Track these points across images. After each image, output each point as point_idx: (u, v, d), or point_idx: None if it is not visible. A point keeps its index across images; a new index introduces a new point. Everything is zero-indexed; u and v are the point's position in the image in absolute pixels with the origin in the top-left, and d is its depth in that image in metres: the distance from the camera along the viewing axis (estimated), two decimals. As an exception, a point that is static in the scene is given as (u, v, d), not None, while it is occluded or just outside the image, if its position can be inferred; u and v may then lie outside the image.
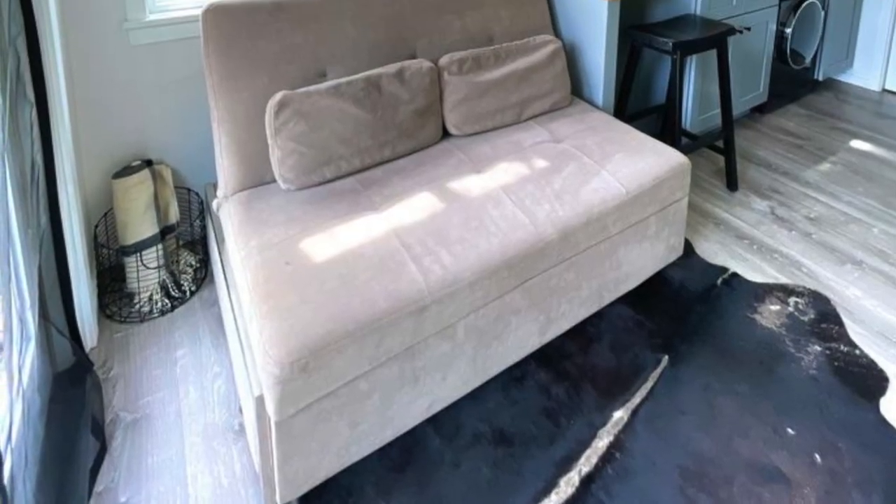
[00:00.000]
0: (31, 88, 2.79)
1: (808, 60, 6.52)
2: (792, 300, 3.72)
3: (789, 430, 2.92)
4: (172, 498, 2.68)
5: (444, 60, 3.96)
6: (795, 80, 6.62)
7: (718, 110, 5.42)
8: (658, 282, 3.87)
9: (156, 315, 3.61)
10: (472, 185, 3.35)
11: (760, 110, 6.36)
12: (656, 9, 5.39)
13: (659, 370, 3.27)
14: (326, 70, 3.74)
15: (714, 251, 4.15)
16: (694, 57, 5.18)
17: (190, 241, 4.04)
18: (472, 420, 3.01)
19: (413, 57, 4.05)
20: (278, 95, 3.31)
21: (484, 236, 2.96)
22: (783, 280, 3.89)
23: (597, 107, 4.52)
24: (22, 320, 2.47)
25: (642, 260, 3.63)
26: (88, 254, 3.49)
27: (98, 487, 2.69)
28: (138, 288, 3.62)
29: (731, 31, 4.72)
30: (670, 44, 4.41)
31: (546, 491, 2.69)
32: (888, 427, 2.94)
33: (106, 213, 3.78)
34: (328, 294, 2.57)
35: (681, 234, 3.85)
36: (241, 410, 3.03)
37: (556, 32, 4.87)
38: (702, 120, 5.44)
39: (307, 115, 3.32)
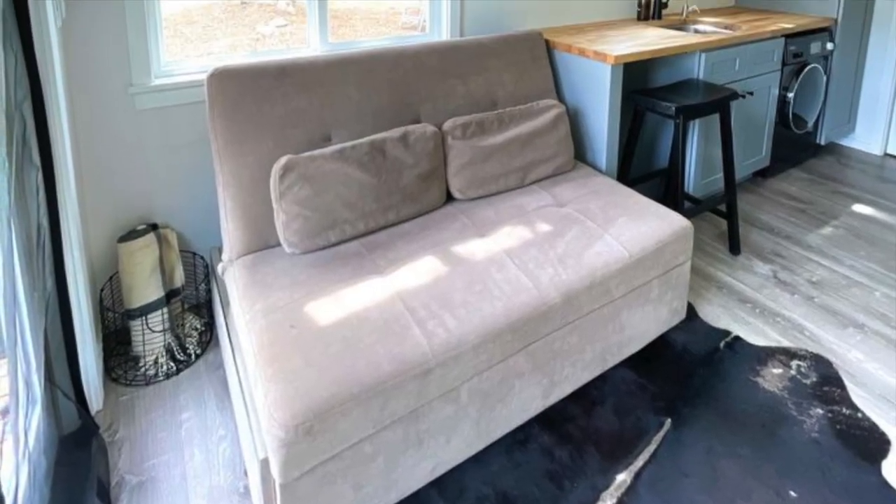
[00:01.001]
0: (38, 153, 2.80)
1: (810, 125, 6.58)
2: (794, 363, 3.72)
3: (792, 493, 2.92)
4: (177, 561, 2.68)
5: (447, 125, 3.99)
6: (798, 145, 6.66)
7: (721, 174, 5.47)
8: (661, 345, 3.88)
9: (161, 378, 3.61)
10: (475, 248, 3.37)
11: (763, 174, 6.40)
12: (659, 73, 5.45)
13: (662, 433, 3.27)
14: (331, 134, 3.77)
15: (717, 315, 4.17)
16: (697, 121, 5.21)
17: (195, 305, 4.05)
18: (475, 483, 3.00)
19: (417, 121, 4.09)
20: (283, 159, 3.34)
21: (488, 300, 2.97)
22: (785, 343, 3.90)
23: (600, 171, 4.56)
24: (28, 383, 2.47)
25: (645, 323, 3.65)
26: (94, 317, 3.49)
27: (103, 550, 2.70)
28: (144, 351, 3.62)
29: (734, 95, 4.76)
30: (673, 108, 4.44)
31: (550, 554, 2.70)
32: (890, 490, 2.94)
33: (111, 277, 3.80)
34: (333, 357, 2.58)
35: (683, 297, 3.86)
36: (246, 473, 3.03)
37: (560, 97, 4.92)
38: (704, 184, 5.47)
39: (312, 179, 3.35)
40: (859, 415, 3.38)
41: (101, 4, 3.59)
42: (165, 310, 3.66)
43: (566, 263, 3.28)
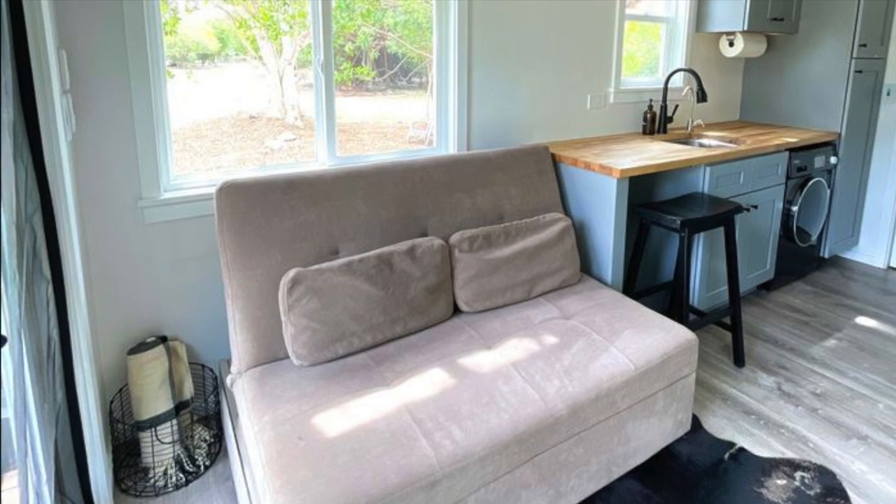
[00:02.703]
0: (48, 265, 2.82)
1: (814, 238, 6.63)
2: (798, 475, 3.72)
3: None
4: None
5: (454, 238, 4.04)
6: (802, 258, 6.71)
7: (726, 287, 5.52)
8: (666, 456, 3.87)
9: (170, 489, 3.60)
10: (482, 360, 3.40)
11: (767, 287, 6.44)
12: (664, 187, 5.52)
13: (668, 546, 3.26)
14: (339, 247, 3.82)
15: (721, 426, 4.17)
16: (701, 234, 5.26)
17: (204, 417, 4.05)
18: None
19: (424, 234, 4.15)
20: (291, 272, 3.38)
21: (494, 412, 2.99)
22: (789, 455, 3.89)
23: (606, 284, 4.61)
24: (38, 494, 2.49)
25: (650, 435, 3.65)
26: (104, 428, 3.50)
27: None
28: (153, 462, 3.62)
29: (738, 209, 4.80)
30: (678, 221, 4.47)
31: None
32: None
33: (121, 389, 3.82)
34: (340, 468, 2.59)
35: (688, 409, 3.87)
36: (252, 585, 3.02)
37: (566, 210, 4.98)
38: (709, 297, 5.50)
39: (320, 292, 3.39)
40: (864, 527, 3.37)
41: (111, 118, 3.67)
42: (175, 421, 3.67)
43: (572, 376, 3.30)
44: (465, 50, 4.99)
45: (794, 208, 6.19)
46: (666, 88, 6.38)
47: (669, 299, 5.54)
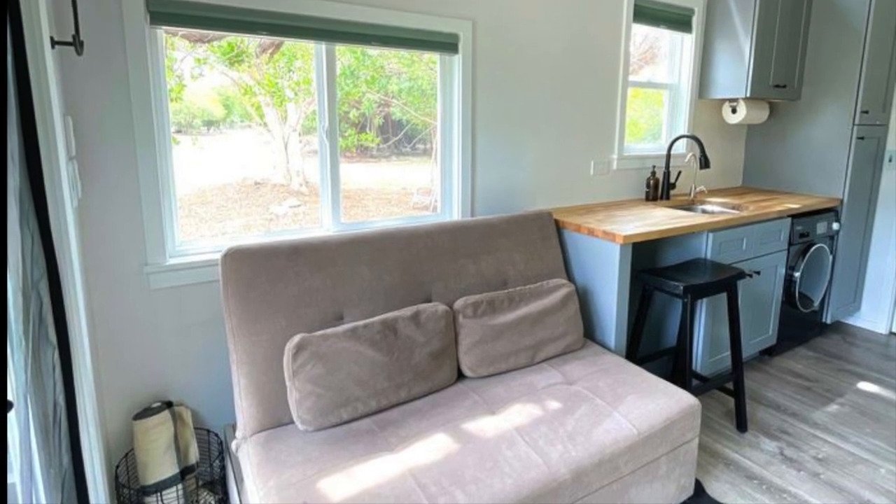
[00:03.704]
0: (54, 331, 2.81)
1: (816, 304, 6.64)
2: (802, 540, 3.73)
3: None
4: None
5: (458, 304, 4.07)
6: (804, 323, 6.72)
7: (728, 353, 5.52)
8: (670, 522, 3.88)
9: (174, 554, 3.61)
10: (486, 426, 3.41)
11: (770, 352, 6.44)
12: (668, 253, 5.55)
13: None
14: (343, 313, 3.84)
15: (724, 491, 4.16)
16: (704, 300, 5.27)
17: (209, 481, 4.04)
18: None
19: (428, 300, 4.17)
20: (296, 338, 3.41)
21: (498, 476, 3.00)
22: (793, 520, 3.90)
23: (609, 349, 4.62)
24: (45, 559, 2.50)
25: (653, 500, 3.65)
26: (109, 493, 3.49)
27: None
28: (158, 527, 3.64)
29: (741, 275, 4.82)
30: (681, 287, 4.50)
31: None
32: None
33: (127, 454, 3.82)
34: (345, 533, 2.61)
35: (691, 474, 3.87)
36: None
37: (569, 275, 5.01)
38: (712, 362, 5.51)
39: (324, 357, 3.41)
40: (867, 593, 3.37)
41: (117, 185, 3.70)
42: (180, 486, 3.67)
43: (576, 440, 3.31)
44: (469, 116, 5.06)
45: (797, 274, 6.21)
46: (669, 155, 6.43)
47: (672, 365, 5.54)
